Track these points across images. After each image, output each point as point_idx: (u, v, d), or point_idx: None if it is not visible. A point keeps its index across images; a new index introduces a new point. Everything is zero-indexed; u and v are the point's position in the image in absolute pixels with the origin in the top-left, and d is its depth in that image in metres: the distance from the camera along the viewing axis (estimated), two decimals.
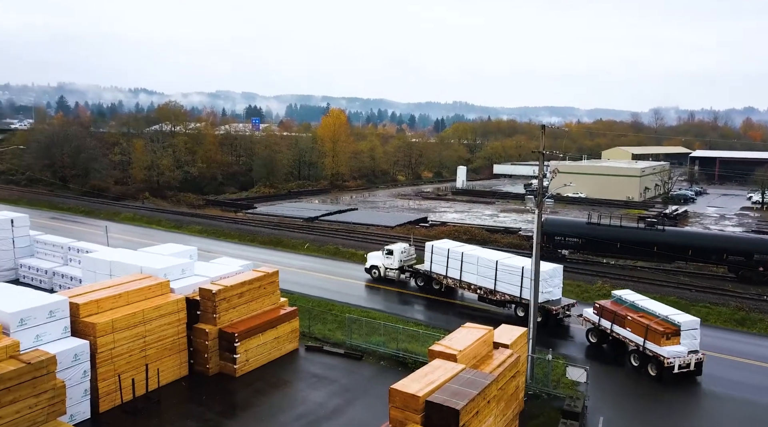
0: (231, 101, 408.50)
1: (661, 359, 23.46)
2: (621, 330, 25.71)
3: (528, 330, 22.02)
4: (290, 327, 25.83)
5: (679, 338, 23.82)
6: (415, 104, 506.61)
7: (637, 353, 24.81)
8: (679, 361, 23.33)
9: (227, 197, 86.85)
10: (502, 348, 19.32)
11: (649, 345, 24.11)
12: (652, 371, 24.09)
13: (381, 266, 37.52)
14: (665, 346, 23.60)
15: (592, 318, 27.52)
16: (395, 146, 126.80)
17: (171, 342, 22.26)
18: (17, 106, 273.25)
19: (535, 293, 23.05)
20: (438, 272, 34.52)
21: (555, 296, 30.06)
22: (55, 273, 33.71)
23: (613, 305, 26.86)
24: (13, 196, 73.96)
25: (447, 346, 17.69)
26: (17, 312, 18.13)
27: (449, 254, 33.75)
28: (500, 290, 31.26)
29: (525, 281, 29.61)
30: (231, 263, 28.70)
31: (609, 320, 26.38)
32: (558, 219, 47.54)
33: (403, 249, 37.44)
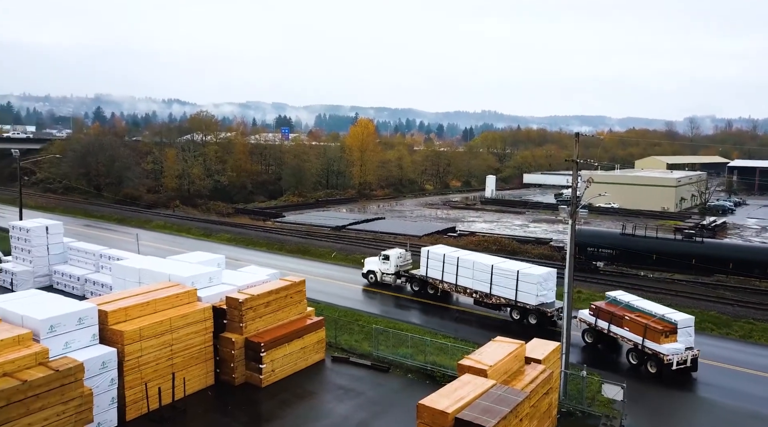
0: (261, 111, 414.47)
1: (660, 357, 24.14)
2: (619, 330, 26.25)
3: (561, 345, 21.24)
4: (316, 337, 25.52)
5: (676, 335, 24.60)
6: (443, 114, 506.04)
7: (635, 351, 25.46)
8: (678, 358, 24.01)
9: (256, 206, 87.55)
10: (534, 363, 18.62)
11: (648, 343, 24.77)
12: (651, 369, 24.73)
13: (378, 271, 38.35)
14: (664, 343, 24.27)
15: (588, 319, 27.97)
16: (423, 155, 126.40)
17: (197, 351, 22.16)
18: (57, 116, 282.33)
19: (567, 306, 22.26)
20: (434, 277, 35.06)
21: (549, 299, 30.91)
22: (87, 280, 34.19)
23: (610, 306, 27.34)
24: (51, 203, 75.97)
25: (477, 360, 17.11)
26: (47, 319, 18.24)
27: (445, 258, 34.40)
28: (496, 294, 31.97)
29: (520, 284, 30.74)
30: (258, 271, 28.60)
31: (606, 321, 26.83)
32: (591, 230, 46.33)
33: (399, 254, 38.10)
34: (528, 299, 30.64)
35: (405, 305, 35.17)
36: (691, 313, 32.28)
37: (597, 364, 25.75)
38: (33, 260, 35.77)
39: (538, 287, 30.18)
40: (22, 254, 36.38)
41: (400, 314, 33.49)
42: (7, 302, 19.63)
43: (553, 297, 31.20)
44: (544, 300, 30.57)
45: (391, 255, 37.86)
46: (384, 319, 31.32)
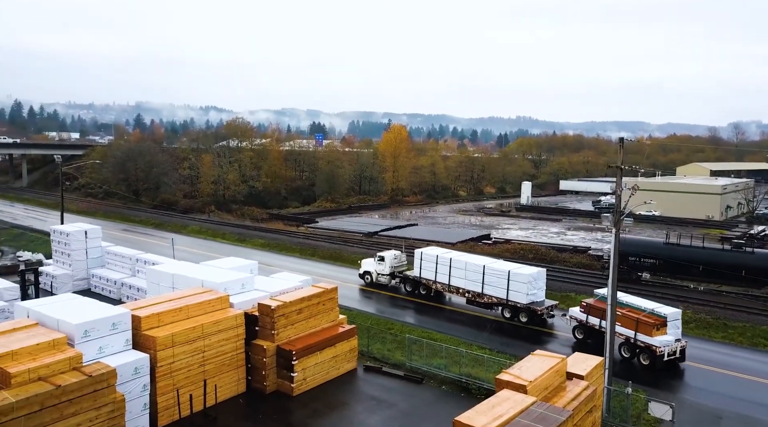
0: (296, 118, 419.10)
1: (653, 349, 25.23)
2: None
3: (604, 360, 20.20)
4: (349, 346, 25.06)
5: (666, 328, 25.85)
6: (477, 119, 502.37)
7: (626, 345, 26.59)
8: (668, 349, 25.19)
9: (290, 211, 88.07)
10: (576, 379, 17.69)
11: (640, 337, 25.90)
12: (644, 361, 25.90)
13: (373, 272, 39.09)
14: (656, 336, 25.49)
15: (579, 316, 28.89)
16: (457, 161, 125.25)
17: (229, 358, 21.96)
18: (100, 124, 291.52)
19: (611, 319, 21.20)
20: (427, 278, 35.93)
21: (539, 298, 31.91)
22: (124, 284, 34.60)
23: (599, 303, 27.80)
24: (91, 208, 77.92)
25: (516, 375, 16.32)
26: (82, 324, 18.28)
27: (438, 260, 35.36)
28: (487, 293, 32.91)
29: (511, 284, 31.89)
30: (290, 278, 28.36)
31: (597, 317, 27.63)
32: (633, 238, 44.64)
33: (394, 256, 38.92)
34: (519, 297, 31.62)
35: (400, 305, 35.85)
36: (743, 328, 30.89)
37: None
38: (72, 263, 36.43)
39: (529, 286, 31.26)
40: (62, 257, 37.11)
41: (395, 313, 34.06)
42: (43, 307, 19.80)
43: (543, 296, 32.21)
44: (534, 299, 31.58)
45: (386, 256, 38.63)
46: (417, 328, 30.63)
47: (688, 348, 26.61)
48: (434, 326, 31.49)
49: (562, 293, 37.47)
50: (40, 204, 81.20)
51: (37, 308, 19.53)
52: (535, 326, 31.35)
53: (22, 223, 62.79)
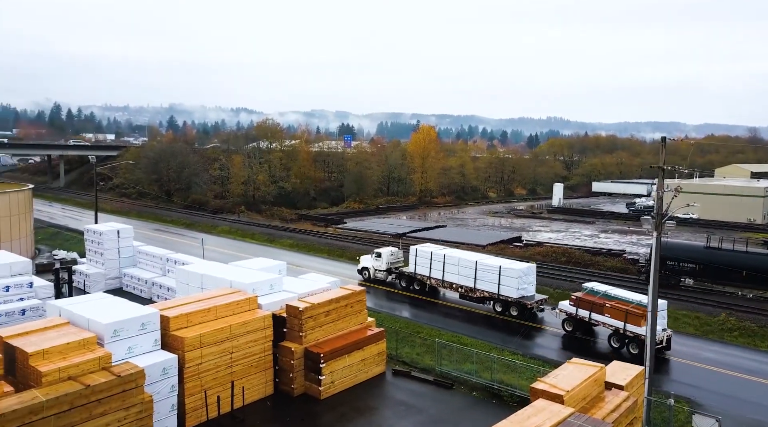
0: (325, 120, 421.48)
1: (642, 338, 25.31)
2: (600, 317, 28.31)
3: (644, 369, 19.30)
4: (377, 349, 24.62)
5: None
6: (506, 120, 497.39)
7: (616, 335, 27.78)
8: (657, 338, 25.06)
9: (318, 212, 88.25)
10: (615, 389, 16.89)
11: (629, 327, 27.05)
12: (633, 350, 27.04)
13: (371, 268, 40.30)
14: (644, 326, 25.07)
15: (569, 310, 29.80)
16: (486, 162, 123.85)
17: (257, 359, 21.75)
18: (134, 125, 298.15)
19: (652, 328, 20.25)
20: (422, 273, 37.03)
21: (529, 293, 32.95)
22: (154, 283, 34.87)
23: (589, 296, 29.28)
24: (125, 208, 79.41)
25: (552, 384, 15.62)
26: (111, 323, 18.27)
27: (432, 256, 36.40)
28: (480, 288, 33.91)
29: (502, 278, 32.91)
30: (318, 279, 28.08)
31: (587, 310, 28.73)
32: (671, 242, 43.06)
33: (391, 252, 40.19)
34: (509, 292, 32.65)
35: (396, 299, 36.86)
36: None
37: (578, 350, 27.32)
38: (105, 262, 36.92)
39: (519, 280, 32.35)
40: (95, 256, 37.65)
41: (392, 307, 35.00)
42: (74, 305, 19.91)
43: (533, 291, 33.23)
44: (524, 293, 32.63)
45: (383, 253, 39.89)
46: (446, 332, 30.02)
47: (732, 357, 25.47)
48: (429, 320, 32.24)
49: None
50: (77, 204, 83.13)
51: (69, 307, 19.64)
52: (526, 320, 32.16)
53: (59, 222, 64.31)
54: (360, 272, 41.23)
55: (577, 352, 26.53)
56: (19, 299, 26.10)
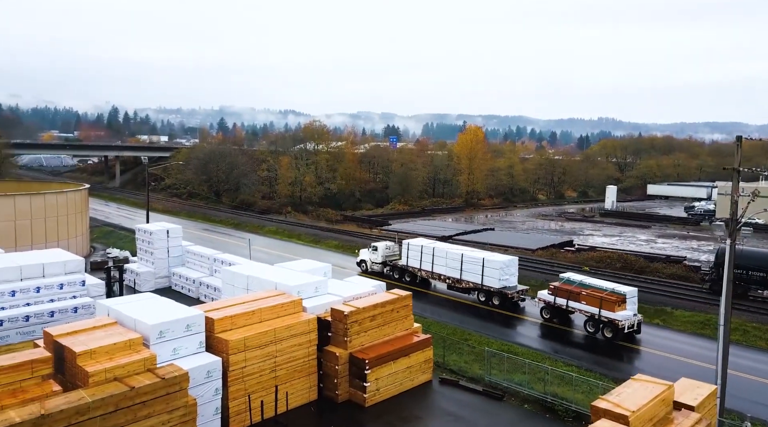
0: (370, 121, 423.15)
1: (616, 323, 28.47)
2: (576, 304, 30.28)
3: (717, 388, 17.74)
4: (423, 356, 23.80)
5: (626, 304, 29.16)
6: (555, 121, 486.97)
7: (591, 321, 29.60)
8: (628, 322, 28.56)
9: (363, 213, 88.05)
10: (685, 410, 15.53)
11: (603, 313, 28.98)
12: (607, 334, 29.08)
13: (368, 261, 42.71)
14: (617, 311, 28.70)
15: (547, 298, 31.89)
16: (536, 163, 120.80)
17: (301, 364, 21.30)
18: (186, 127, 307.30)
19: (725, 341, 18.62)
20: (413, 266, 39.46)
21: (511, 284, 34.98)
22: (202, 283, 35.14)
23: (566, 286, 31.36)
24: (176, 208, 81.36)
25: (616, 403, 14.43)
26: (157, 324, 18.16)
27: (422, 249, 38.84)
28: (465, 279, 36.14)
29: (485, 270, 35.07)
30: (363, 282, 27.50)
31: (564, 298, 30.78)
32: (739, 249, 40.32)
33: (386, 246, 42.43)
34: (492, 282, 34.80)
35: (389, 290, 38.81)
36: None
37: (556, 337, 30.13)
38: (155, 261, 37.50)
39: (501, 272, 34.46)
40: (146, 255, 38.32)
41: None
42: (122, 305, 19.95)
43: (515, 282, 35.24)
44: (506, 284, 34.66)
45: (379, 247, 42.26)
46: (496, 340, 28.90)
47: None
48: (421, 309, 33.06)
49: (657, 307, 34.40)
50: (130, 203, 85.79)
51: (117, 307, 19.69)
52: (507, 310, 34.21)
53: (113, 221, 66.35)
54: (358, 264, 43.70)
55: (554, 339, 29.89)
56: (72, 297, 26.58)
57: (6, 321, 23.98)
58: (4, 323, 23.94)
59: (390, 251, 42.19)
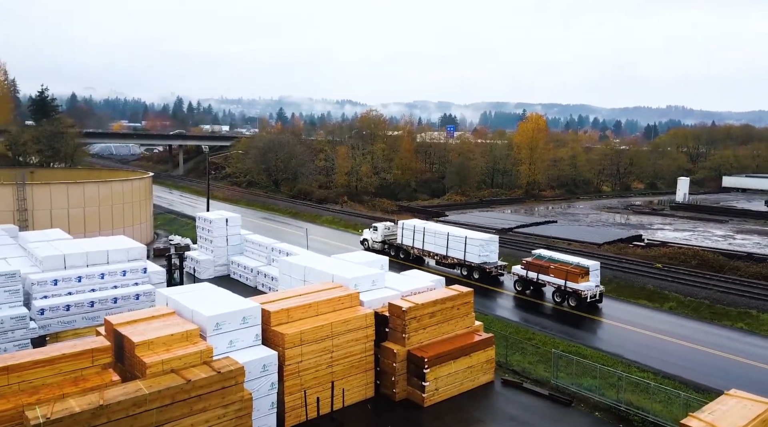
0: (427, 111, 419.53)
1: (579, 293, 31.33)
2: (545, 277, 33.20)
3: None
4: (485, 356, 22.62)
5: (588, 276, 31.73)
6: (620, 109, 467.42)
7: (558, 291, 32.52)
8: (590, 293, 31.37)
9: (419, 204, 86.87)
10: None
11: (569, 284, 31.75)
12: (571, 303, 31.91)
13: (369, 239, 46.22)
14: (581, 283, 31.42)
15: (520, 272, 34.86)
16: (601, 154, 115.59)
17: (358, 360, 20.62)
18: (247, 117, 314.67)
19: None
20: (407, 244, 42.98)
21: (492, 260, 37.85)
22: (259, 272, 35.17)
23: (537, 261, 34.29)
24: (235, 196, 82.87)
25: (709, 423, 12.87)
26: (214, 316, 17.86)
27: (415, 229, 42.27)
28: (450, 255, 39.39)
29: (468, 247, 38.01)
30: (421, 276, 26.48)
31: (535, 272, 33.78)
32: None
33: (386, 227, 45.88)
34: (473, 258, 37.72)
35: (391, 267, 41.13)
36: None
37: (527, 307, 33.00)
38: (214, 249, 37.87)
39: (481, 248, 37.33)
40: (206, 243, 38.77)
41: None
42: (180, 295, 19.82)
43: (495, 258, 38.05)
44: (486, 260, 37.49)
45: (379, 227, 45.85)
46: (563, 341, 27.28)
47: None
48: None
49: (740, 309, 31.69)
50: (192, 191, 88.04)
51: (175, 296, 19.58)
52: (487, 283, 36.88)
53: (176, 208, 68.16)
54: (361, 243, 47.17)
55: (526, 309, 32.76)
56: (134, 284, 27.00)
57: (73, 306, 24.56)
58: (71, 308, 24.52)
59: (389, 231, 45.49)
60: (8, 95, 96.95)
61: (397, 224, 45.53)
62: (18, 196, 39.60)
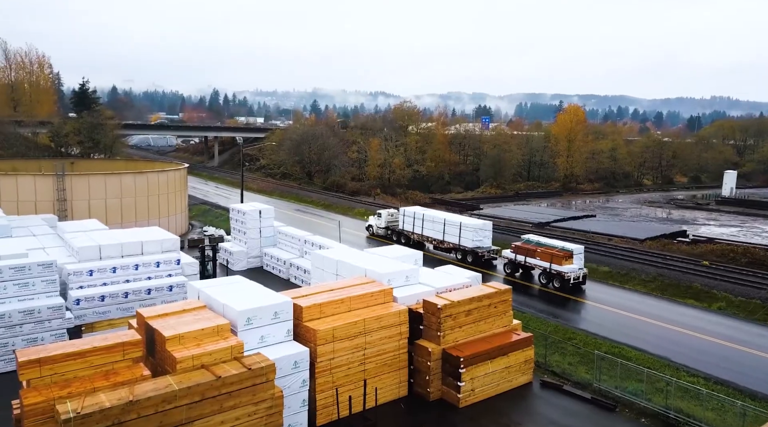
0: (461, 102, 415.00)
1: (563, 274, 33.10)
2: (533, 260, 35.04)
3: None
4: (523, 356, 21.72)
5: (572, 259, 33.61)
6: (661, 100, 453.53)
7: (544, 274, 34.26)
8: (573, 275, 33.08)
9: (453, 197, 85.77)
10: None
11: (554, 267, 33.57)
12: (556, 284, 33.60)
13: (374, 225, 49.05)
14: (565, 265, 33.30)
15: (510, 256, 36.83)
16: (642, 146, 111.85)
17: (391, 358, 20.01)
18: (281, 109, 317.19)
19: None
20: (408, 230, 45.29)
21: (485, 244, 39.81)
22: (292, 264, 34.90)
23: (525, 245, 36.32)
24: (269, 188, 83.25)
25: None
26: (245, 311, 17.48)
27: (415, 215, 44.63)
28: (446, 240, 41.54)
29: (462, 232, 40.18)
30: (457, 272, 25.67)
31: (523, 255, 35.71)
32: None
33: (389, 213, 48.39)
34: (467, 243, 39.91)
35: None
36: None
37: (516, 288, 31.61)
38: (247, 241, 37.79)
39: (474, 233, 39.47)
40: (239, 235, 38.74)
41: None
42: (212, 288, 19.53)
43: (488, 243, 40.05)
44: (479, 244, 39.53)
45: (383, 214, 48.52)
46: (605, 341, 26.11)
47: None
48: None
49: None
50: (227, 182, 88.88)
51: (206, 290, 19.30)
52: (480, 267, 37.91)
53: (211, 199, 68.78)
54: (366, 228, 50.31)
55: (515, 290, 30.56)
56: (168, 275, 26.98)
57: (108, 297, 24.67)
58: (106, 298, 24.64)
59: (392, 217, 47.96)
60: (51, 88, 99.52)
61: (399, 210, 47.86)
62: (58, 186, 40.30)
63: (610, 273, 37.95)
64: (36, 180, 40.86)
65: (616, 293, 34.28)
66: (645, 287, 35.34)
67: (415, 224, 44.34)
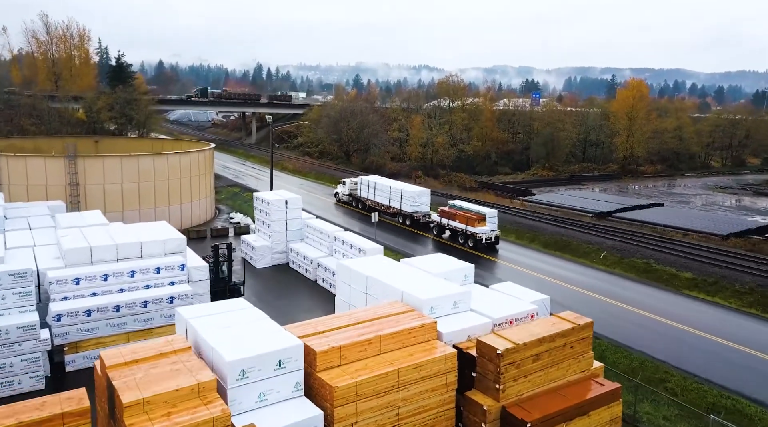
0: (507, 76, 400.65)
1: (475, 235, 37.67)
2: (453, 223, 39.54)
3: None
4: (609, 414, 16.52)
5: (485, 222, 38.24)
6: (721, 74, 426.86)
7: (462, 234, 38.71)
8: (485, 236, 37.58)
9: (500, 180, 79.62)
10: None
11: (469, 228, 38.12)
12: (470, 243, 38.11)
13: (340, 193, 53.44)
14: (478, 227, 37.93)
15: (437, 219, 41.18)
16: (711, 124, 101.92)
17: (433, 417, 15.22)
18: (324, 83, 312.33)
19: None
20: (364, 197, 49.71)
21: (423, 210, 43.94)
22: (319, 264, 30.46)
23: (449, 209, 40.75)
24: (305, 168, 78.86)
25: None
26: (238, 361, 12.94)
27: (369, 184, 48.93)
28: (391, 206, 45.67)
29: (403, 198, 44.42)
30: (519, 292, 20.44)
31: (447, 218, 40.14)
32: None
33: (353, 182, 52.57)
34: (406, 207, 43.98)
35: (350, 214, 48.90)
36: None
37: (440, 247, 37.75)
38: (272, 234, 33.52)
39: (412, 200, 43.62)
40: (263, 227, 34.52)
41: (348, 221, 44.80)
42: (203, 320, 14.96)
43: (427, 209, 44.02)
44: (417, 209, 43.63)
45: (346, 182, 53.07)
46: (713, 387, 20.41)
47: None
48: (363, 230, 39.87)
49: None
50: (263, 161, 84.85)
51: (196, 323, 14.82)
52: (418, 229, 42.97)
53: (242, 181, 64.82)
54: (334, 195, 54.56)
55: (439, 248, 37.27)
56: (170, 283, 22.88)
57: (95, 311, 20.72)
58: (93, 313, 20.69)
59: (354, 185, 52.01)
60: (89, 61, 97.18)
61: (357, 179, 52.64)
62: (69, 169, 36.85)
63: (694, 281, 31.80)
64: (47, 162, 37.50)
65: (703, 308, 28.42)
66: (740, 301, 29.27)
67: (368, 191, 48.84)
